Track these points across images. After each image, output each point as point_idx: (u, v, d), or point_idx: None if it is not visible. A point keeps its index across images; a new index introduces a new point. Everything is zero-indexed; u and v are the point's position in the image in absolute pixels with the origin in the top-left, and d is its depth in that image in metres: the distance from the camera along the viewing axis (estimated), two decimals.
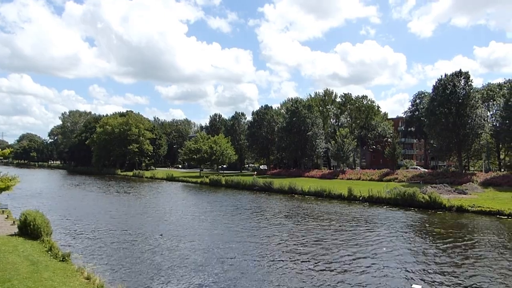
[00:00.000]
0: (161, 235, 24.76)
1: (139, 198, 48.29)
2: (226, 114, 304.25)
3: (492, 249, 21.22)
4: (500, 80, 79.96)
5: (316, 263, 18.57)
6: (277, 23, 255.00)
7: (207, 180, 70.32)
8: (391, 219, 31.23)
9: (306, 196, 48.30)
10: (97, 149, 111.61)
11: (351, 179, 65.15)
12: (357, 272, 17.05)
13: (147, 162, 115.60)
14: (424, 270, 17.42)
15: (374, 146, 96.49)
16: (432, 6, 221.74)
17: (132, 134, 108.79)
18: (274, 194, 52.28)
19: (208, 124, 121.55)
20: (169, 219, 31.64)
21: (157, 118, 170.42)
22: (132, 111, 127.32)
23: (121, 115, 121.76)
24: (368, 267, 17.83)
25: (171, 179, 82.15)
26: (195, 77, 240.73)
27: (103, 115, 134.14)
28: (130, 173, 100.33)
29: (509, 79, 73.91)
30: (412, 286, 10.86)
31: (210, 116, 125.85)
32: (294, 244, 22.45)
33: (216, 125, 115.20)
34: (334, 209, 36.90)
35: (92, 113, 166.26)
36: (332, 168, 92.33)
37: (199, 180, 73.91)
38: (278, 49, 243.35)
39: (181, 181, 77.57)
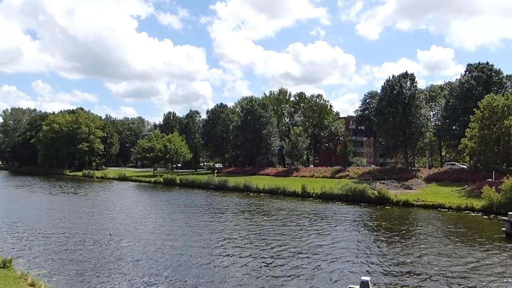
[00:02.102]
0: (110, 234, 24.30)
1: (89, 198, 46.61)
2: (180, 112, 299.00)
3: (431, 238, 22.75)
4: (440, 82, 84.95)
5: (259, 256, 18.97)
6: (229, 21, 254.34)
7: (161, 179, 69.21)
8: (342, 214, 32.37)
9: (261, 194, 48.82)
10: (43, 149, 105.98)
11: (305, 176, 66.51)
12: (302, 266, 17.56)
13: (97, 161, 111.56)
14: (371, 261, 18.29)
15: (326, 144, 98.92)
16: (378, 10, 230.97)
17: (82, 133, 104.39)
18: (230, 192, 52.36)
19: (162, 123, 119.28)
20: (119, 219, 30.95)
21: (109, 116, 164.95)
22: (83, 109, 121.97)
23: (70, 112, 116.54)
24: (313, 259, 18.45)
25: (123, 178, 79.90)
26: (146, 74, 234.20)
27: (50, 113, 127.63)
28: (80, 173, 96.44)
29: (449, 81, 78.60)
30: (361, 279, 11.28)
31: (164, 114, 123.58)
32: (239, 239, 22.86)
33: (170, 123, 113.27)
34: (287, 206, 37.73)
35: (37, 110, 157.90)
36: (286, 166, 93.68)
37: (153, 179, 72.50)
38: (231, 48, 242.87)
39: (134, 181, 75.71)
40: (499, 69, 57.82)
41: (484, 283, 15.05)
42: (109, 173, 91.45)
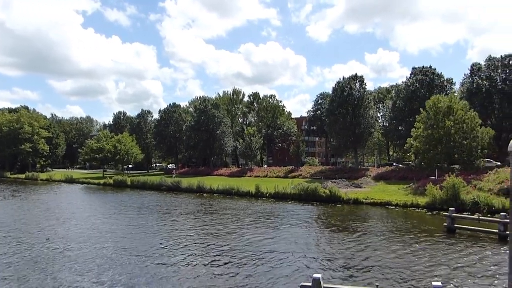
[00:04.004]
0: (48, 239, 23.25)
1: (30, 202, 43.96)
2: (130, 111, 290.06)
3: (379, 234, 23.58)
4: (386, 84, 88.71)
5: (207, 257, 18.79)
6: (179, 19, 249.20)
7: (111, 181, 66.99)
8: (294, 213, 32.82)
9: (215, 195, 48.49)
10: None
11: (258, 176, 66.86)
12: (253, 266, 17.56)
13: (42, 163, 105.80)
14: (322, 258, 18.61)
15: (280, 144, 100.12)
16: (327, 12, 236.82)
17: (24, 133, 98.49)
18: (183, 193, 51.55)
19: (111, 122, 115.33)
20: (61, 222, 29.59)
21: (54, 115, 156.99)
22: (27, 107, 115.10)
23: (11, 111, 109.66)
24: (264, 258, 18.48)
25: (70, 181, 76.32)
26: (93, 72, 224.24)
27: None
28: (22, 176, 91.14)
29: (395, 84, 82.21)
30: (313, 276, 11.40)
31: (113, 113, 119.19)
32: (187, 240, 22.55)
33: (120, 123, 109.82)
34: (240, 206, 37.78)
35: None
36: (240, 166, 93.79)
37: (102, 181, 69.88)
38: (182, 46, 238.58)
39: (82, 183, 72.62)
40: (441, 72, 61.34)
41: (426, 272, 15.85)
42: (54, 175, 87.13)
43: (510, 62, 53.13)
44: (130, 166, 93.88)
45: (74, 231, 26.28)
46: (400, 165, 60.63)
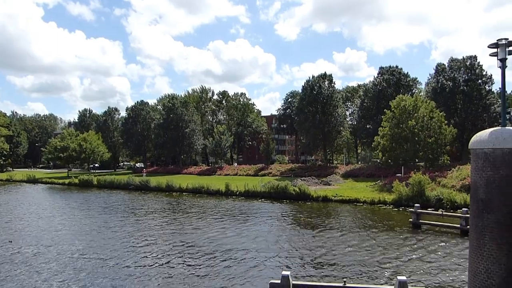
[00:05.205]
0: (11, 241, 22.35)
1: None
2: (96, 109, 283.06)
3: (347, 230, 23.87)
4: (354, 83, 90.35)
5: (173, 256, 18.43)
6: (145, 14, 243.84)
7: (76, 180, 65.00)
8: (264, 211, 32.79)
9: (184, 194, 47.88)
10: None
11: (228, 174, 66.54)
12: (222, 264, 17.35)
13: (2, 162, 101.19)
14: (292, 255, 18.59)
15: (250, 142, 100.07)
16: (295, 10, 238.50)
17: None
18: (151, 192, 50.62)
19: (77, 120, 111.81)
20: (23, 224, 28.42)
21: (15, 112, 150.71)
22: None
23: None
24: (234, 256, 18.33)
25: (33, 181, 73.38)
26: (56, 68, 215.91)
27: None
28: None
29: (363, 83, 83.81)
30: (282, 273, 11.29)
31: (79, 111, 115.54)
32: (154, 239, 22.06)
33: (86, 121, 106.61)
34: (209, 204, 37.46)
35: None
36: (210, 164, 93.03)
37: (67, 181, 67.62)
38: (149, 43, 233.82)
39: (46, 183, 70.04)
40: (407, 72, 62.90)
41: (392, 267, 16.10)
42: (15, 175, 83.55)
43: (471, 63, 55.04)
44: (96, 165, 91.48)
45: (35, 233, 25.27)
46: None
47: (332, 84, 64.36)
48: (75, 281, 15.53)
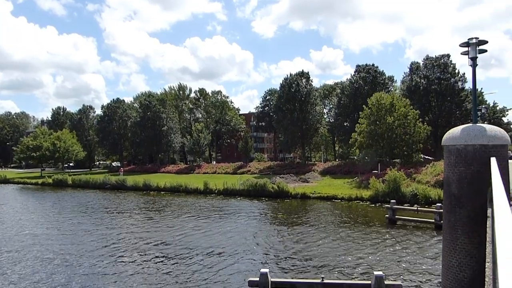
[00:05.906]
0: None
1: None
2: (70, 107, 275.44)
3: (324, 226, 24.10)
4: (331, 81, 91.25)
5: (151, 255, 18.21)
6: (119, 10, 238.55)
7: (50, 180, 63.39)
8: (242, 208, 32.76)
9: (162, 192, 47.38)
10: None
11: (207, 173, 66.16)
12: (200, 262, 17.25)
13: None
14: (270, 252, 18.64)
15: (228, 141, 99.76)
16: (272, 8, 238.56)
17: None
18: (128, 192, 49.84)
19: (50, 118, 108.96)
20: None
21: None
22: None
23: None
24: (212, 254, 18.26)
25: (3, 181, 71.11)
26: (27, 64, 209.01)
27: None
28: None
29: (340, 81, 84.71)
30: (260, 271, 11.27)
31: (52, 109, 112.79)
32: (133, 239, 21.71)
33: (60, 119, 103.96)
34: (188, 203, 37.21)
35: None
36: (188, 163, 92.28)
37: (40, 181, 65.88)
38: (124, 39, 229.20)
39: (18, 183, 68.09)
40: (383, 70, 63.93)
41: (369, 262, 16.32)
42: None
43: (444, 62, 56.36)
44: (71, 164, 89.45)
45: (3, 234, 24.55)
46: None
47: (310, 82, 64.86)
48: (47, 283, 15.12)
